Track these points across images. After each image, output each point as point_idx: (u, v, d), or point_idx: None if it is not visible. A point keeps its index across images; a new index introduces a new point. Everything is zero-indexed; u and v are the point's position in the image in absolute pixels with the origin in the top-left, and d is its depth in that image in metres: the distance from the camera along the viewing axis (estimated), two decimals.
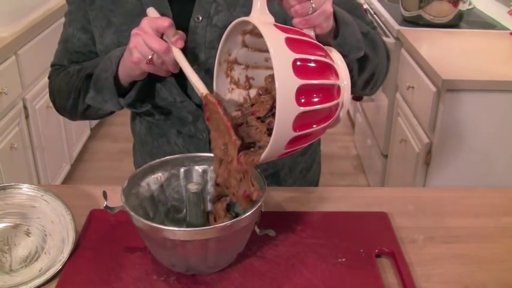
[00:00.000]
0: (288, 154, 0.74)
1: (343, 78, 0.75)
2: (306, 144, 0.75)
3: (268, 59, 0.83)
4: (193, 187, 0.83)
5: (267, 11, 0.74)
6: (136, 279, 0.83)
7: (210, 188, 0.93)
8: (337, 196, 1.06)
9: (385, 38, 2.41)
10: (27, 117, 2.28)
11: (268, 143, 0.69)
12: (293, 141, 0.70)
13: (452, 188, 1.12)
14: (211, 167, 0.93)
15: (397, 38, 2.33)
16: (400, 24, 2.37)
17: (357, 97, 2.83)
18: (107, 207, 0.83)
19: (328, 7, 0.77)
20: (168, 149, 1.08)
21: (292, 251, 0.89)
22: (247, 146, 0.78)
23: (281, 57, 0.67)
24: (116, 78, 0.92)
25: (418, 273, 0.86)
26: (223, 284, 0.82)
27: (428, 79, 1.93)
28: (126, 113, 1.18)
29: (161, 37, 0.85)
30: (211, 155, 0.92)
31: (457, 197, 1.07)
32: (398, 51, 2.31)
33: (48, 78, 1.09)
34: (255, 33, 0.78)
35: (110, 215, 0.85)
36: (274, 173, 1.12)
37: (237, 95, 0.85)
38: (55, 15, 2.55)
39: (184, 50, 0.88)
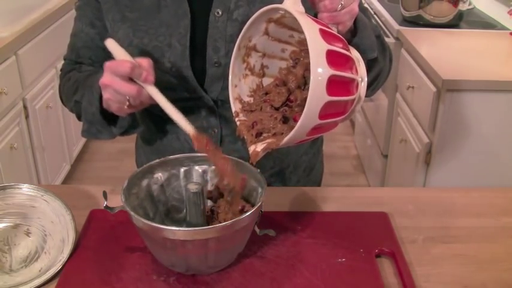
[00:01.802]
0: (303, 142, 0.76)
1: (362, 75, 0.78)
2: (319, 135, 0.77)
3: (285, 50, 0.85)
4: (193, 187, 0.83)
5: (300, 2, 0.75)
6: (136, 279, 0.83)
7: (210, 188, 0.93)
8: (337, 196, 1.06)
9: (385, 38, 2.43)
10: (27, 117, 2.28)
11: (283, 130, 0.73)
12: (315, 128, 0.72)
13: (452, 188, 1.12)
14: (211, 167, 0.93)
15: (397, 38, 2.33)
16: (400, 24, 2.37)
17: None
18: (107, 207, 0.83)
19: (355, 7, 0.79)
20: (177, 145, 1.08)
21: (292, 251, 0.89)
22: (258, 133, 0.81)
23: (317, 46, 0.69)
24: (103, 108, 0.92)
25: (418, 273, 0.86)
26: (223, 284, 0.82)
27: (428, 79, 1.93)
28: None
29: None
30: None
31: (457, 197, 1.07)
32: (399, 51, 2.31)
33: (61, 70, 1.10)
34: (280, 22, 0.80)
35: (110, 215, 0.85)
36: (280, 171, 1.13)
37: (251, 81, 0.87)
38: (55, 15, 2.55)
39: (205, 45, 0.88)
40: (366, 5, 2.92)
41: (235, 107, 0.85)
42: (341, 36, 0.77)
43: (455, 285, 0.84)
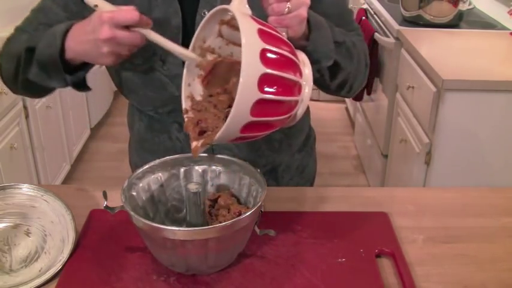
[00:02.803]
0: (243, 141, 0.77)
1: (306, 79, 0.78)
2: (262, 134, 0.77)
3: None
4: (193, 187, 0.83)
5: (246, 4, 0.77)
6: (137, 279, 0.83)
7: (210, 188, 0.93)
8: (337, 196, 1.06)
9: (385, 38, 2.43)
10: (27, 117, 2.28)
11: None
12: (249, 126, 0.72)
13: (452, 188, 1.12)
14: (211, 167, 0.93)
15: (397, 38, 2.33)
16: (400, 24, 2.37)
17: (357, 97, 2.83)
18: (107, 207, 0.83)
19: (303, 12, 0.80)
20: (169, 144, 1.08)
21: (292, 251, 0.89)
22: (201, 131, 0.82)
23: (251, 43, 0.70)
24: (61, 53, 0.89)
25: (418, 273, 0.86)
26: (223, 284, 0.83)
27: (428, 79, 1.93)
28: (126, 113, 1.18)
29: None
30: (212, 154, 0.93)
31: (457, 197, 1.07)
32: (398, 51, 2.31)
33: (7, 38, 1.03)
34: (232, 24, 0.80)
35: (110, 215, 0.85)
36: (272, 169, 1.13)
37: (201, 81, 0.86)
38: None
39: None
40: (365, 6, 2.93)
41: (185, 104, 0.85)
42: (286, 40, 0.78)
43: (455, 285, 0.84)
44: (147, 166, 0.90)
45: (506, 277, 0.86)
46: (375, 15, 2.76)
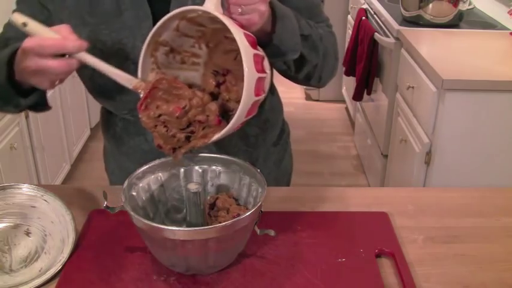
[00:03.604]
0: (243, 125, 0.82)
1: (266, 69, 0.84)
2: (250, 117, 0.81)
3: (194, 45, 0.86)
4: (193, 187, 0.83)
5: (220, 4, 0.78)
6: (136, 279, 0.83)
7: (210, 188, 0.93)
8: (337, 196, 1.06)
9: (385, 38, 2.43)
10: (27, 117, 2.28)
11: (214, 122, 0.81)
12: (252, 107, 0.79)
13: (452, 188, 1.12)
14: (211, 167, 0.93)
15: (397, 38, 2.33)
16: (400, 24, 2.37)
17: (357, 97, 2.83)
18: (107, 207, 0.83)
19: (262, 6, 0.80)
20: (146, 147, 1.06)
21: (292, 251, 0.89)
22: (173, 148, 0.84)
23: (248, 54, 0.75)
24: (11, 77, 0.86)
25: (418, 273, 0.86)
26: (223, 284, 0.83)
27: (428, 79, 1.93)
28: None
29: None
30: (212, 155, 0.93)
31: (457, 197, 1.07)
32: (398, 51, 2.31)
33: None
34: (193, 20, 0.81)
35: (110, 215, 0.85)
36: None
37: (155, 75, 0.86)
38: None
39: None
40: (366, 6, 2.93)
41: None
42: (255, 38, 0.80)
43: (455, 285, 0.84)
44: (147, 166, 0.90)
45: (506, 277, 0.86)
46: (375, 15, 2.76)
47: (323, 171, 3.11)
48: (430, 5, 2.33)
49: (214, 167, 0.93)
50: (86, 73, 0.99)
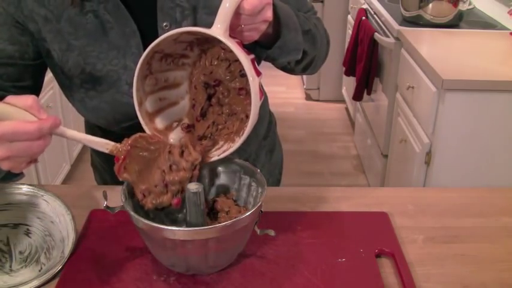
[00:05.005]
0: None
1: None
2: None
3: (186, 48, 0.84)
4: (193, 187, 0.83)
5: (228, 29, 0.76)
6: (136, 279, 0.83)
7: (210, 188, 0.93)
8: (337, 196, 1.06)
9: (385, 38, 2.44)
10: None
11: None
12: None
13: (452, 188, 1.12)
14: (211, 167, 0.93)
15: (397, 38, 2.33)
16: (400, 24, 2.37)
17: (357, 97, 2.83)
18: (107, 207, 0.83)
19: (269, 14, 0.79)
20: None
21: (292, 251, 0.89)
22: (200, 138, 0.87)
23: (254, 82, 0.76)
24: None
25: (418, 273, 0.86)
26: (223, 284, 0.83)
27: (428, 79, 1.93)
28: None
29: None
30: None
31: (457, 197, 1.07)
32: (398, 51, 2.32)
33: None
34: (193, 32, 0.79)
35: (110, 215, 0.85)
36: (245, 161, 1.14)
37: (148, 80, 0.85)
38: None
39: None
40: (366, 6, 2.93)
41: (140, 113, 0.83)
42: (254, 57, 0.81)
43: (455, 285, 0.84)
44: None
45: (506, 277, 0.86)
46: (375, 15, 2.76)
47: (323, 171, 3.11)
48: (430, 5, 2.33)
49: (214, 167, 0.93)
50: (76, 99, 0.96)
